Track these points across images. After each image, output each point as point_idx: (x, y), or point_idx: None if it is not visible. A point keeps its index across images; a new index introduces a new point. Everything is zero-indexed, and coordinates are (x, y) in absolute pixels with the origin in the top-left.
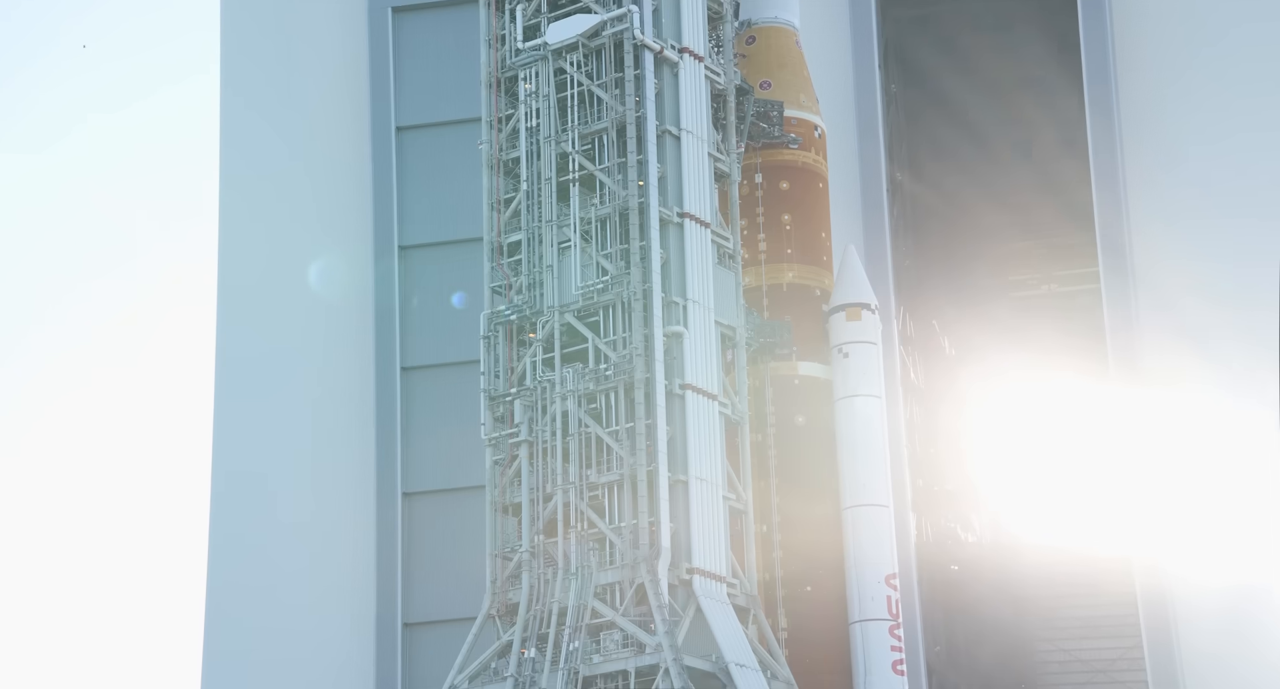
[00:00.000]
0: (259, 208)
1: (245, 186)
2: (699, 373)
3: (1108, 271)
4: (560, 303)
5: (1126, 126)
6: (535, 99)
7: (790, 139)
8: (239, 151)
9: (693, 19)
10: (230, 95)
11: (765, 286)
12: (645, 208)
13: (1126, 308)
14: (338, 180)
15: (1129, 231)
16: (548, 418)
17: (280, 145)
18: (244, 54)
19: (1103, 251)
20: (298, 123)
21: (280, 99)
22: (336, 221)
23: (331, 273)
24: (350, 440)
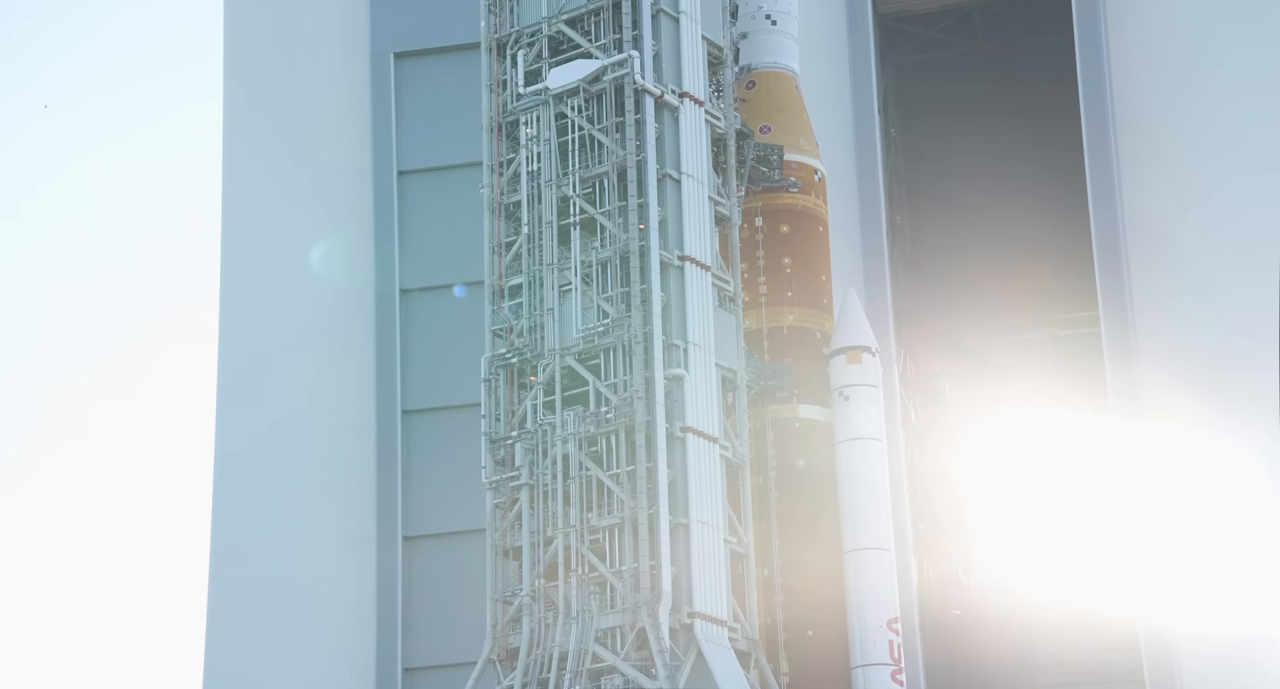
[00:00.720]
0: (259, 251)
1: (246, 230)
2: (700, 416)
3: (1108, 315)
4: (561, 346)
5: (1125, 171)
6: (536, 143)
7: (790, 183)
8: (241, 193)
9: (693, 64)
10: (232, 137)
11: (766, 329)
12: (646, 251)
13: (1127, 351)
14: (340, 224)
15: (1128, 275)
16: (548, 461)
17: (282, 187)
18: (246, 97)
19: (1102, 294)
20: (300, 165)
21: (282, 142)
22: (338, 260)
23: (333, 319)
24: (351, 484)
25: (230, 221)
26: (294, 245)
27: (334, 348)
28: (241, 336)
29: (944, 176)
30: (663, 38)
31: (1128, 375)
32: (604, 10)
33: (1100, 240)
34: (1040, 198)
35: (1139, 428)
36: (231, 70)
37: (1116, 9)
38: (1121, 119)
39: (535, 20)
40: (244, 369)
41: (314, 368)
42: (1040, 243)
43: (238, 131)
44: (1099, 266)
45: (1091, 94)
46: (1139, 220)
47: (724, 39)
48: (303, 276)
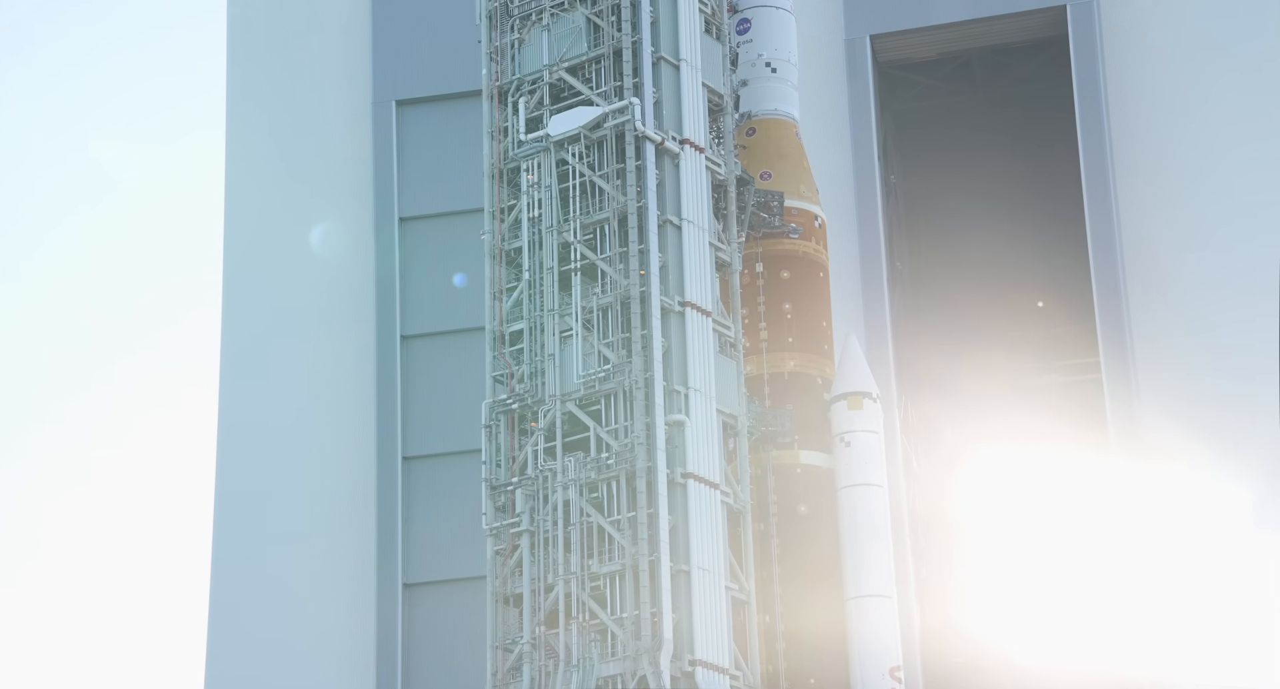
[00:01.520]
0: (261, 296)
1: (248, 278)
2: (701, 462)
3: (1108, 360)
4: (562, 391)
5: (1125, 216)
6: (537, 190)
7: (791, 229)
8: (242, 241)
9: (693, 111)
10: (234, 184)
11: (767, 375)
12: (647, 297)
13: (1128, 396)
14: (341, 271)
15: (1129, 320)
16: (549, 507)
17: (284, 236)
18: (248, 144)
19: (1103, 340)
20: (302, 214)
21: (284, 190)
22: (340, 310)
23: (334, 365)
24: (351, 531)
25: (232, 267)
26: (295, 291)
27: (334, 394)
28: (242, 381)
29: (944, 222)
30: (663, 85)
31: (1129, 420)
32: (605, 58)
33: (1100, 285)
34: (1040, 243)
35: (1141, 473)
36: (234, 116)
37: (1114, 56)
38: (1120, 165)
39: (536, 68)
40: (244, 415)
41: (314, 415)
42: (1041, 288)
43: (240, 176)
44: (1099, 311)
45: (1090, 140)
46: (1139, 265)
47: (724, 86)
48: (303, 324)
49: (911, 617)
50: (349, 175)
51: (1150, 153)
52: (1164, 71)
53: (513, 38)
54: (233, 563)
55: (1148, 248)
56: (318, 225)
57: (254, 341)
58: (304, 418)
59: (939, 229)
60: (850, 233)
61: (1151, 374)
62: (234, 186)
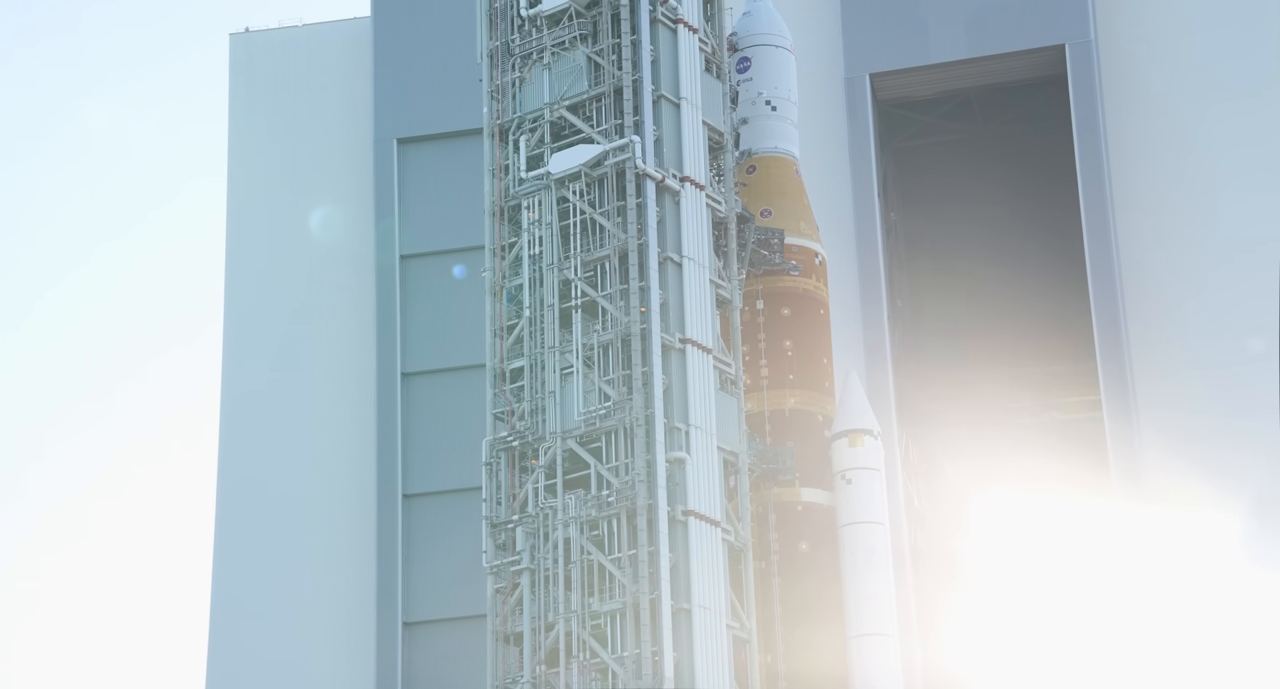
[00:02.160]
0: (262, 334)
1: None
2: (701, 499)
3: (1109, 397)
4: (562, 429)
5: (1124, 253)
6: (538, 227)
7: (791, 266)
8: (244, 280)
9: (694, 149)
10: (236, 224)
11: (767, 412)
12: (647, 334)
13: (1129, 435)
14: (341, 310)
15: (1129, 358)
16: (549, 545)
17: (285, 276)
18: (249, 182)
19: (1104, 377)
20: (302, 257)
21: (284, 232)
22: (341, 347)
23: (335, 402)
24: (351, 569)
25: (233, 305)
26: (297, 329)
27: (335, 431)
28: (243, 418)
29: (944, 259)
30: (664, 123)
31: (1131, 458)
32: (605, 96)
33: (1101, 322)
34: (1040, 280)
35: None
36: (235, 156)
37: (1113, 95)
38: (1120, 202)
39: (537, 106)
40: (245, 452)
41: (314, 452)
42: (1041, 325)
43: (241, 212)
44: (1099, 349)
45: (1090, 178)
46: (1139, 302)
47: (724, 124)
48: (305, 361)
49: (914, 655)
50: (349, 213)
51: (1149, 190)
52: (1162, 109)
53: (514, 76)
54: (233, 600)
55: (1148, 285)
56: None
57: (255, 378)
58: (304, 455)
59: (939, 266)
60: (850, 270)
61: (1152, 411)
62: (235, 226)
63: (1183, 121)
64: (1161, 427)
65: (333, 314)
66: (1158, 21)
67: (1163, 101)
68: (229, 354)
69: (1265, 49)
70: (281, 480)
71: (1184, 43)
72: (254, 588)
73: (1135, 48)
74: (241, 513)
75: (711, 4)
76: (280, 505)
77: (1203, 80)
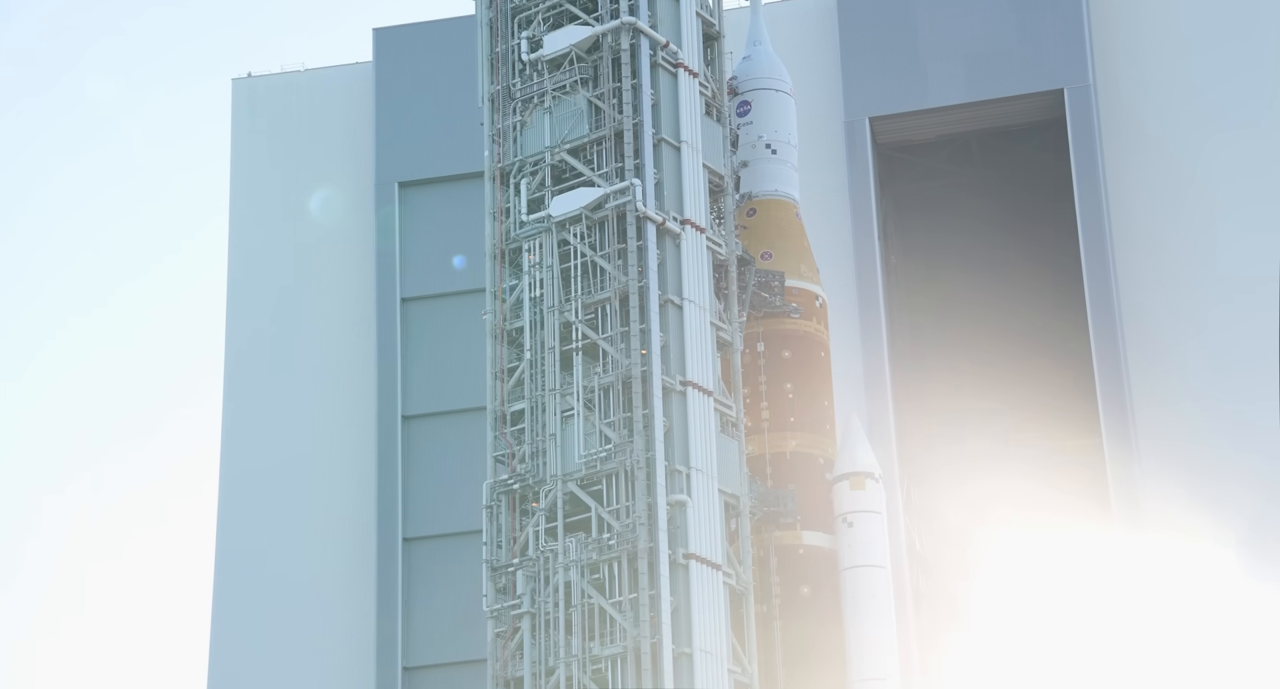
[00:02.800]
0: (263, 375)
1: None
2: (703, 542)
3: (1110, 437)
4: (563, 471)
5: (1124, 292)
6: (539, 270)
7: (792, 309)
8: (244, 325)
9: (694, 192)
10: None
11: (769, 455)
12: (648, 376)
13: (1130, 477)
14: (342, 353)
15: (1130, 398)
16: (550, 589)
17: (286, 320)
18: (251, 226)
19: (1105, 418)
20: (304, 293)
21: (287, 271)
22: (343, 390)
23: (335, 446)
24: (352, 614)
25: (234, 348)
26: (298, 372)
27: (335, 474)
28: (243, 460)
29: (945, 301)
30: (664, 166)
31: (1133, 501)
32: (606, 140)
33: (1101, 361)
34: (1041, 321)
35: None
36: (237, 198)
37: (1112, 138)
38: (1119, 243)
39: (538, 149)
40: (245, 494)
41: (314, 495)
42: (1043, 366)
43: (243, 255)
44: (1100, 388)
45: (1089, 220)
46: (1139, 343)
47: (725, 167)
48: (305, 404)
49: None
50: (351, 256)
51: (1148, 231)
52: (1160, 152)
53: (515, 120)
54: (233, 647)
55: (1147, 324)
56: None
57: (255, 422)
58: (305, 498)
59: (940, 308)
60: (851, 312)
61: (1153, 452)
62: (236, 270)
63: (1180, 163)
64: (1161, 462)
65: (333, 357)
66: (1155, 66)
67: (1160, 144)
68: (229, 396)
69: (1261, 92)
70: (282, 523)
71: (1181, 86)
72: (254, 632)
73: (1133, 92)
74: (241, 557)
75: (712, 48)
76: (281, 548)
77: (1200, 123)
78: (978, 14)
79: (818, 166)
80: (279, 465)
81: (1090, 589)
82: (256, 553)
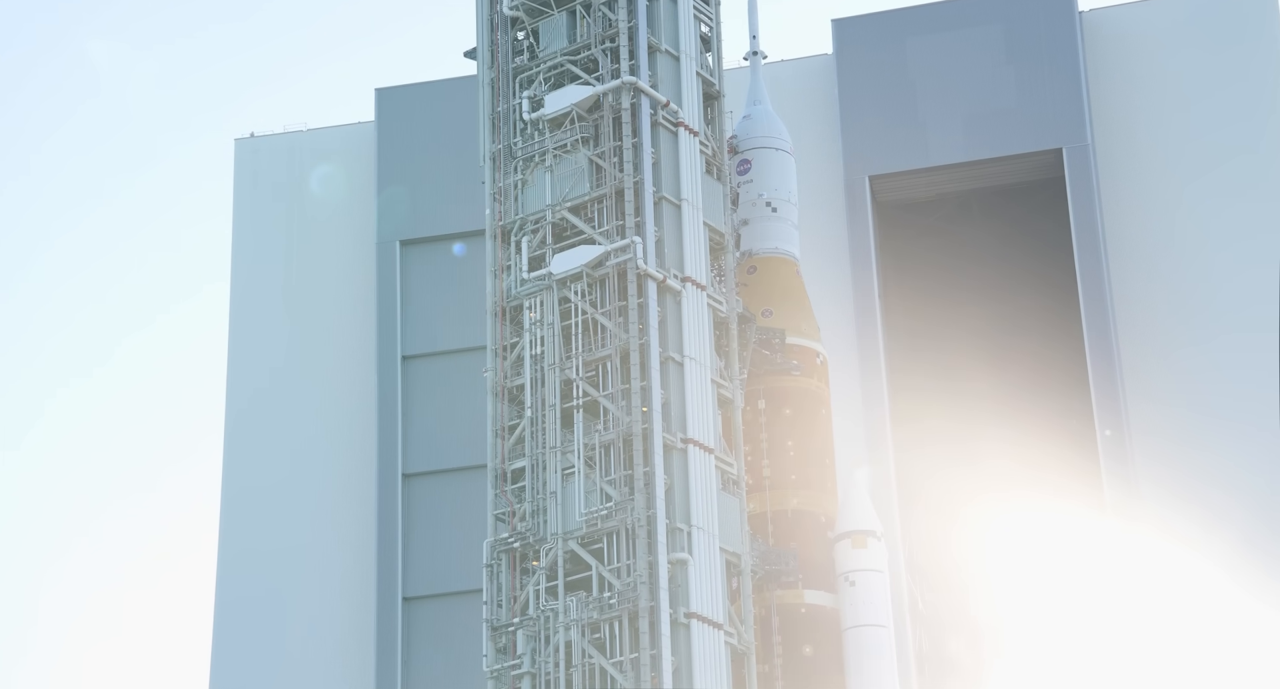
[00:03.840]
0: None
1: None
2: (704, 601)
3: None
4: (564, 530)
5: (1125, 349)
6: (540, 327)
7: (793, 366)
8: (245, 383)
9: (695, 249)
10: (238, 328)
11: (770, 512)
12: (649, 434)
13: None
14: (344, 408)
15: (1132, 455)
16: (551, 648)
17: (288, 378)
18: (252, 286)
19: (1106, 479)
20: (305, 350)
21: (289, 329)
22: (343, 448)
23: (336, 504)
24: (352, 676)
25: (234, 407)
26: (298, 429)
27: (335, 532)
28: (242, 518)
29: (945, 358)
30: (665, 224)
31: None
32: (607, 198)
33: (1102, 419)
34: (1042, 378)
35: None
36: (239, 259)
37: (1111, 197)
38: (1119, 300)
39: (539, 207)
40: (244, 552)
41: (314, 553)
42: (1044, 423)
43: (244, 320)
44: (1101, 447)
45: (1089, 279)
46: (1140, 399)
47: (725, 225)
48: (305, 462)
49: None
50: (353, 314)
51: (1148, 290)
52: (1159, 211)
53: (516, 178)
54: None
55: (1149, 385)
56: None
57: (256, 477)
58: (305, 556)
59: (941, 366)
60: (852, 369)
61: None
62: (238, 329)
63: (1178, 222)
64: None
65: (334, 415)
66: (1152, 125)
67: (1159, 203)
68: (229, 454)
69: (1257, 149)
70: (282, 580)
71: (1178, 146)
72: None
73: (1131, 151)
74: (241, 617)
75: (712, 107)
76: (281, 605)
77: (1197, 182)
78: (976, 74)
79: (818, 224)
80: (279, 523)
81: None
82: (255, 611)
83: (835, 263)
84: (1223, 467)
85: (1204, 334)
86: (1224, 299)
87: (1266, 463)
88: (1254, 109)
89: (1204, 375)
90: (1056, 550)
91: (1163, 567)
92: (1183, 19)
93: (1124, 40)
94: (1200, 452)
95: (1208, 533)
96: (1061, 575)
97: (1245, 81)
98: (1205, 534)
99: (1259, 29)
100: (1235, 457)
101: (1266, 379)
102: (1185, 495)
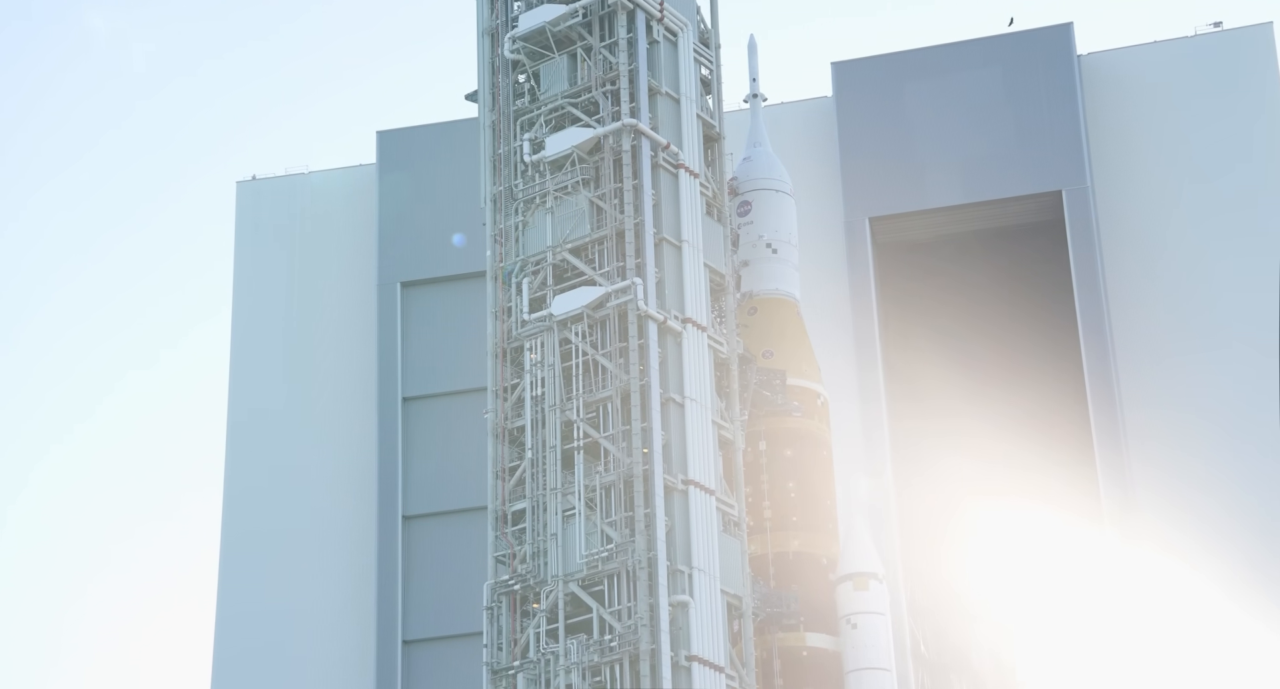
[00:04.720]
0: (263, 474)
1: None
2: (705, 644)
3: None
4: (564, 572)
5: (1125, 389)
6: (540, 368)
7: (793, 407)
8: (245, 422)
9: (695, 291)
10: (239, 372)
11: (771, 554)
12: (650, 475)
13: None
14: (344, 450)
15: (1135, 494)
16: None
17: (288, 418)
18: (253, 324)
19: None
20: (307, 394)
21: (290, 371)
22: (343, 490)
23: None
24: None
25: (235, 454)
26: (297, 471)
27: (335, 574)
28: (242, 559)
29: (946, 399)
30: (665, 265)
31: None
32: (608, 239)
33: (1104, 458)
34: (1044, 418)
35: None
36: (240, 296)
37: (1110, 239)
38: (1120, 341)
39: (540, 249)
40: (243, 594)
41: (313, 595)
42: (1046, 461)
43: (245, 363)
44: (1103, 489)
45: (1089, 321)
46: (1141, 440)
47: (726, 266)
48: (305, 503)
49: None
50: (354, 355)
51: (1148, 331)
52: (1159, 252)
53: (517, 220)
54: None
55: (1150, 421)
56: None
57: (255, 518)
58: (305, 599)
59: (941, 407)
60: (853, 409)
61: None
62: (238, 372)
63: (1178, 263)
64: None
65: (335, 456)
66: (1152, 168)
67: (1159, 244)
68: (229, 495)
69: (1255, 192)
70: (282, 621)
71: (1177, 187)
72: None
73: (1131, 193)
74: (240, 658)
75: (712, 149)
76: (281, 648)
77: (1196, 223)
78: (976, 116)
79: (818, 265)
80: (279, 565)
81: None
82: (255, 653)
83: (836, 304)
84: (1224, 503)
85: (1205, 380)
86: (1223, 342)
87: (1264, 485)
88: (1252, 152)
89: (1206, 430)
90: (1060, 587)
91: (1165, 593)
92: (1181, 62)
93: (1122, 83)
94: (1204, 495)
95: (1212, 558)
96: (1066, 613)
97: (1244, 124)
98: (1210, 559)
99: (1257, 72)
100: (1234, 495)
101: (1264, 420)
102: (1190, 538)
